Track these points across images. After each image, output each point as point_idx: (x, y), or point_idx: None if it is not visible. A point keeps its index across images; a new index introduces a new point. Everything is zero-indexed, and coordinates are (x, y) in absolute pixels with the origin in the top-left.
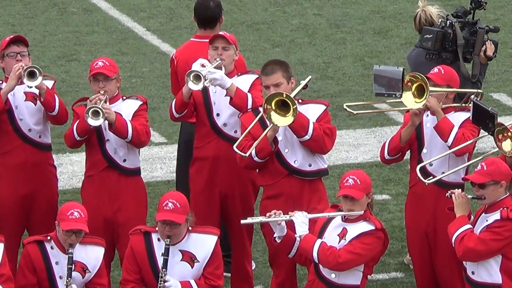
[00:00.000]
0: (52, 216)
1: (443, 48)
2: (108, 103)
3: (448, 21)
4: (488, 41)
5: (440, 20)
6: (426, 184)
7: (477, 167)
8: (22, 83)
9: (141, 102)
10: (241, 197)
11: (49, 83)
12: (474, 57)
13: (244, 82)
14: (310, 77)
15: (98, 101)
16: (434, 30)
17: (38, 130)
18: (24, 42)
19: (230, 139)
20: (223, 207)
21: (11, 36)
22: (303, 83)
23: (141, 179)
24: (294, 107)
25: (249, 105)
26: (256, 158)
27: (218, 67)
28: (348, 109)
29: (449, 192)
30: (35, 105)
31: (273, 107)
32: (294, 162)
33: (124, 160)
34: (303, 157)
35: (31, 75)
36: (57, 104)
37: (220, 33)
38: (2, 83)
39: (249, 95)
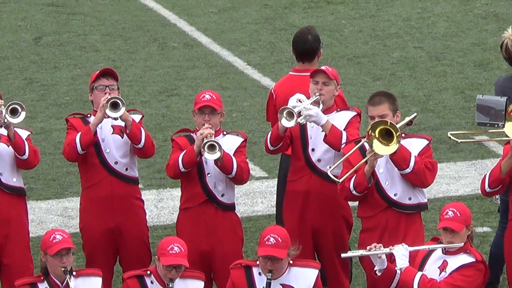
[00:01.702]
0: (144, 250)
1: None
2: (213, 137)
3: None
4: None
5: None
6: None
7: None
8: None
9: (242, 139)
10: (333, 233)
11: (136, 117)
12: None
13: (342, 118)
14: (415, 114)
15: (209, 136)
16: None
17: (124, 163)
18: (113, 75)
19: (323, 175)
20: (316, 242)
21: (101, 69)
22: (408, 118)
23: (236, 215)
24: (397, 134)
25: (343, 144)
26: (354, 192)
27: (316, 103)
28: (452, 137)
29: None
30: (122, 137)
31: (377, 135)
32: (394, 195)
33: (223, 195)
34: (403, 190)
35: (114, 106)
36: (143, 136)
37: (322, 67)
38: (91, 116)
39: (344, 133)
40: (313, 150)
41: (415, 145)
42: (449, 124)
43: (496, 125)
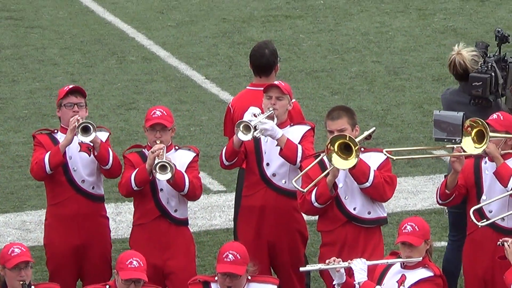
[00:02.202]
0: (106, 266)
1: (490, 92)
2: (165, 154)
3: (489, 64)
4: None
5: (479, 64)
6: (479, 226)
7: None
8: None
9: (195, 154)
10: (289, 247)
11: (103, 135)
12: (507, 92)
13: (296, 132)
14: (374, 128)
15: (161, 153)
16: (483, 77)
17: (91, 181)
18: (82, 93)
19: (278, 190)
20: (272, 257)
21: (70, 86)
22: (366, 132)
23: (189, 230)
24: (356, 148)
25: (299, 157)
26: (316, 204)
27: (270, 117)
28: (388, 155)
29: (500, 240)
30: (89, 155)
31: (336, 149)
32: (354, 209)
33: (176, 210)
34: (362, 204)
35: (85, 130)
36: (110, 158)
37: (275, 82)
38: (58, 132)
39: (299, 147)
40: (267, 164)
41: (374, 159)
42: (407, 138)
43: (453, 141)
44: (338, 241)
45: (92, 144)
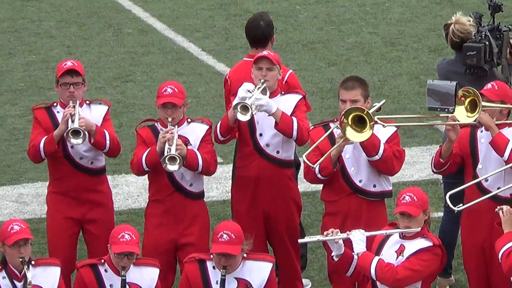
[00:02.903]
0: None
1: (484, 61)
2: (175, 139)
3: (483, 33)
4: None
5: (473, 33)
6: (456, 212)
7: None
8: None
9: (208, 127)
10: (285, 217)
11: (103, 109)
12: (502, 60)
13: (288, 101)
14: (384, 100)
15: (171, 139)
16: (477, 47)
17: (89, 157)
18: (79, 72)
19: (272, 160)
20: (267, 228)
21: (66, 66)
22: (378, 105)
23: (204, 203)
24: (371, 123)
25: (294, 130)
26: (319, 176)
27: (264, 90)
28: (380, 122)
29: (498, 208)
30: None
31: (350, 122)
32: (359, 181)
33: (191, 185)
34: (368, 177)
35: (76, 133)
36: (107, 142)
37: (264, 53)
38: (57, 105)
39: (295, 120)
40: (261, 135)
41: (383, 132)
42: (404, 109)
43: (446, 110)
44: (341, 212)
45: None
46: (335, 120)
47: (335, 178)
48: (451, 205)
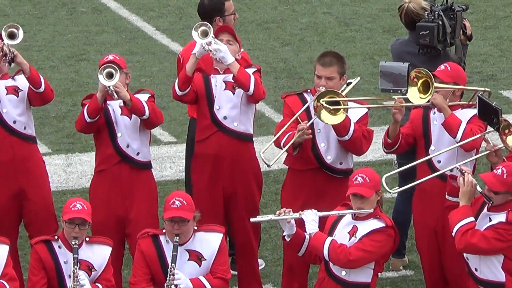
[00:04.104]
0: (49, 213)
1: (438, 41)
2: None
3: (436, 13)
4: (465, 20)
5: (426, 13)
6: (391, 194)
7: (497, 170)
8: (2, 78)
9: (149, 94)
10: (245, 195)
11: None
12: (456, 40)
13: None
14: (359, 78)
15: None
16: (430, 26)
17: (22, 121)
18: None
19: (230, 132)
20: (227, 206)
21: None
22: (352, 83)
23: (152, 174)
24: (345, 103)
25: (252, 85)
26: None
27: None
28: (327, 105)
29: (460, 168)
30: (17, 97)
31: (324, 104)
32: (328, 158)
33: (138, 154)
34: (336, 154)
35: (11, 36)
36: (42, 79)
37: (228, 25)
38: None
39: (252, 76)
40: (218, 108)
41: (353, 112)
42: (358, 89)
43: (399, 91)
44: (306, 186)
45: (16, 83)
46: (308, 90)
47: (304, 148)
48: (386, 188)
